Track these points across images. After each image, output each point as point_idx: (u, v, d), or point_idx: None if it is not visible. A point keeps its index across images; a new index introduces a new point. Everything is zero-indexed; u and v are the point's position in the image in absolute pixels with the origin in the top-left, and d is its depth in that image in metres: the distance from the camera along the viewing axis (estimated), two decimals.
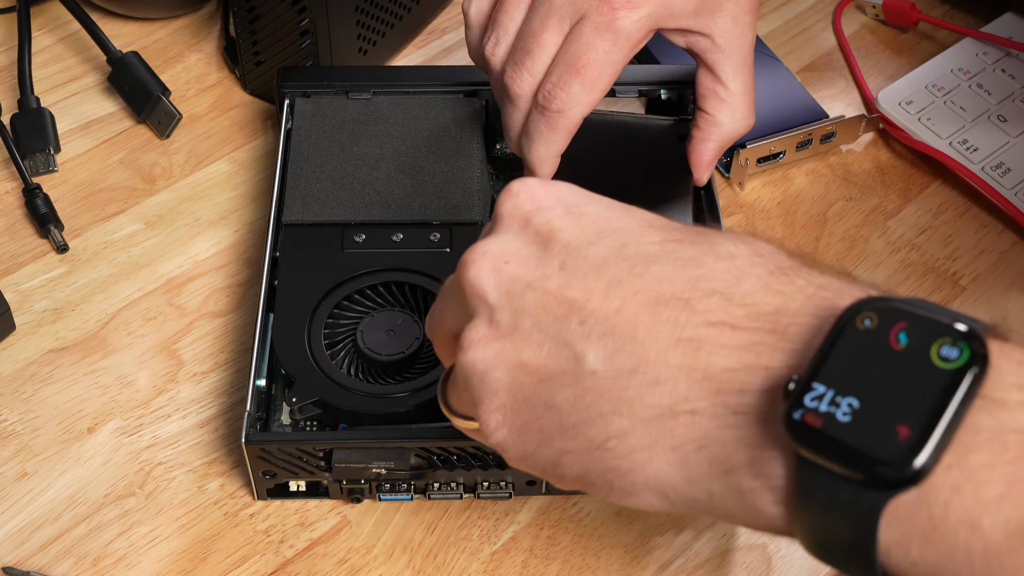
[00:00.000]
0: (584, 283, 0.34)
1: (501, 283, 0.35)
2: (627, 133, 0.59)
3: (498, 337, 0.35)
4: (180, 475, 0.52)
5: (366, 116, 0.59)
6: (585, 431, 0.34)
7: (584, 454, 0.34)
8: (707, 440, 0.32)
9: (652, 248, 0.34)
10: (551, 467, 0.35)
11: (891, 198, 0.63)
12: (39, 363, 0.55)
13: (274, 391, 0.51)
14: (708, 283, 0.33)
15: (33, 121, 0.64)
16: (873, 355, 0.30)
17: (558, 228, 0.35)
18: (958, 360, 0.29)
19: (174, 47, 0.70)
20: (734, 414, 0.31)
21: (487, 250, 0.36)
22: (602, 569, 0.49)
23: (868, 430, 0.29)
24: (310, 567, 0.49)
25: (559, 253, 0.35)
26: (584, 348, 0.33)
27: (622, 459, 0.33)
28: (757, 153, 0.62)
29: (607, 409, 0.33)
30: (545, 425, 0.35)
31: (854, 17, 0.73)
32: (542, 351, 0.34)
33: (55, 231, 0.60)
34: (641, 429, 0.33)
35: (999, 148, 0.63)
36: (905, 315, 0.30)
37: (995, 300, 0.59)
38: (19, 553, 0.49)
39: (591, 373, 0.33)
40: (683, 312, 0.33)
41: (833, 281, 0.33)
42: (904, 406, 0.29)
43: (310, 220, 0.55)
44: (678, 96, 0.61)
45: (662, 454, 0.33)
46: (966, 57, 0.67)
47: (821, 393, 0.30)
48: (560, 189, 0.37)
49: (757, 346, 0.32)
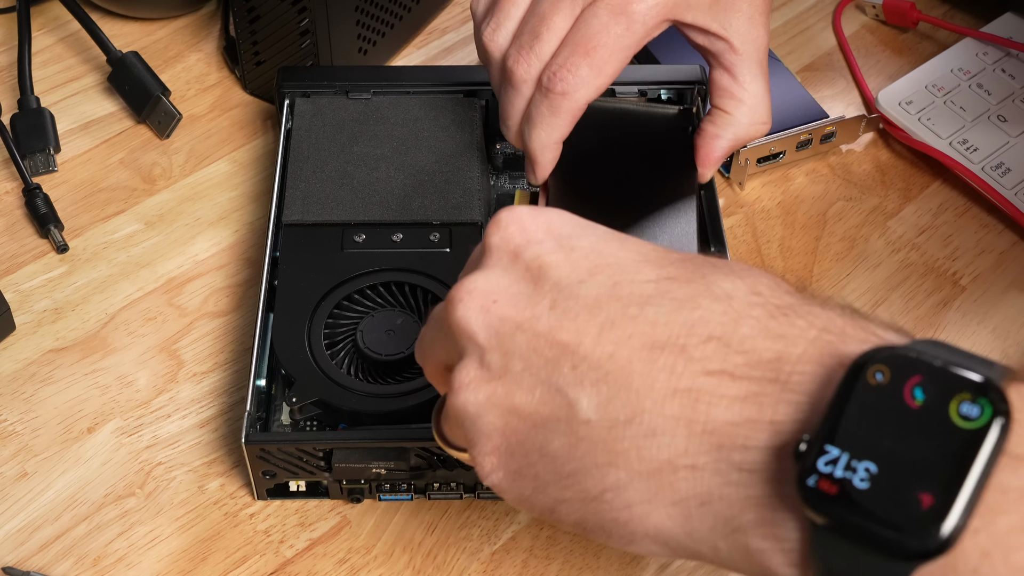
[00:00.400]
0: (576, 325, 0.33)
1: (490, 323, 0.34)
2: (630, 122, 0.57)
3: (489, 379, 0.34)
4: (180, 475, 0.52)
5: (366, 116, 0.59)
6: (580, 481, 0.32)
7: (580, 504, 0.33)
8: (711, 496, 0.31)
9: (646, 288, 0.33)
10: (547, 513, 0.34)
11: (891, 198, 0.63)
12: (39, 363, 0.55)
13: (274, 391, 0.51)
14: (705, 328, 0.32)
15: (33, 121, 0.64)
16: (888, 414, 0.28)
17: (549, 264, 0.34)
18: (979, 419, 0.27)
19: (174, 47, 0.70)
20: (739, 471, 0.30)
21: (475, 287, 0.34)
22: (602, 569, 0.49)
23: (889, 498, 0.27)
24: (310, 567, 0.49)
25: (550, 291, 0.34)
26: (577, 395, 0.32)
27: (620, 512, 0.32)
28: (757, 153, 0.62)
29: (602, 460, 0.32)
30: (540, 472, 0.33)
31: (854, 17, 0.73)
32: (534, 396, 0.33)
33: (55, 231, 0.60)
34: (639, 482, 0.31)
35: (999, 148, 0.63)
36: (919, 367, 0.28)
37: (995, 300, 0.59)
38: (19, 553, 0.49)
39: (585, 422, 0.32)
40: (679, 359, 0.31)
41: (836, 321, 0.31)
42: (926, 470, 0.27)
43: (310, 220, 0.55)
44: (678, 96, 0.61)
45: (662, 508, 0.31)
46: (966, 57, 0.67)
47: (835, 457, 0.28)
48: (551, 219, 0.36)
49: (759, 397, 0.30)
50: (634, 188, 0.54)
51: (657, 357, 0.31)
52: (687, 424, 0.31)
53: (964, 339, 0.57)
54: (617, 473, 0.32)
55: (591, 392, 0.32)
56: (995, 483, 0.27)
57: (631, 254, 0.34)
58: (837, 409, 0.28)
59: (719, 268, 0.33)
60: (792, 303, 0.32)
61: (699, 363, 0.31)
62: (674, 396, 0.31)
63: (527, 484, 0.34)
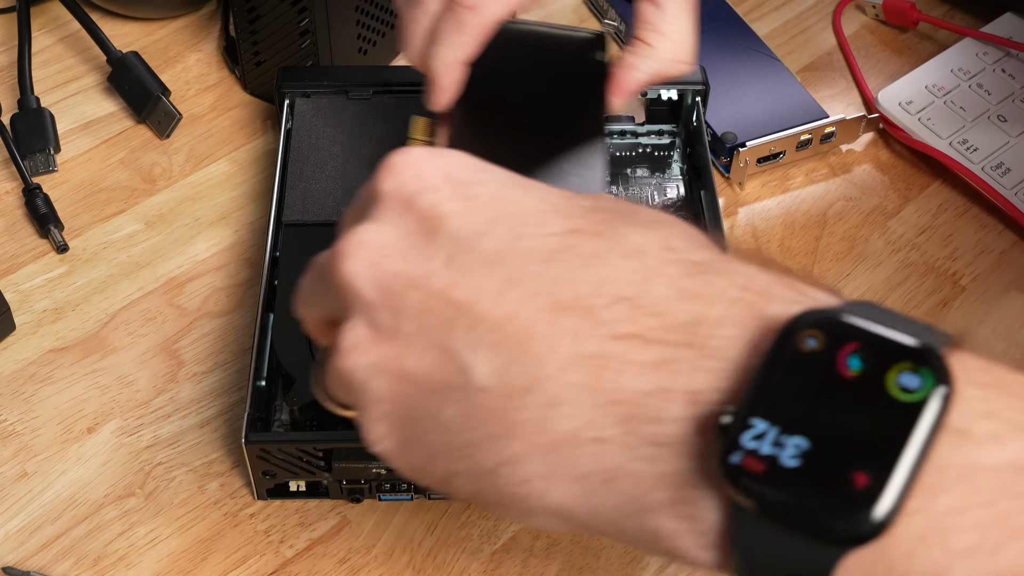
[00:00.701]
0: (473, 282, 0.30)
1: (381, 280, 0.31)
2: (543, 46, 0.52)
3: (379, 341, 0.31)
4: (180, 475, 0.52)
5: (366, 116, 0.59)
6: (474, 453, 0.30)
7: (474, 477, 0.30)
8: (617, 472, 0.28)
9: (551, 241, 0.30)
10: (441, 484, 0.31)
11: (891, 198, 0.63)
12: (39, 363, 0.55)
13: (274, 391, 0.51)
14: (614, 287, 0.29)
15: (33, 121, 0.64)
16: (821, 384, 0.26)
17: (446, 213, 0.31)
18: (919, 391, 0.25)
19: (174, 47, 0.70)
20: (650, 445, 0.27)
21: (364, 240, 0.31)
22: (602, 569, 0.49)
23: (820, 477, 0.25)
24: (310, 567, 0.49)
25: (446, 244, 0.30)
26: (472, 360, 0.29)
27: (517, 487, 0.29)
28: (757, 153, 0.62)
29: (498, 431, 0.29)
30: (432, 441, 0.30)
31: (854, 17, 0.73)
32: (426, 359, 0.30)
33: (55, 231, 0.60)
34: (538, 456, 0.28)
35: (999, 148, 0.63)
36: (855, 333, 0.26)
37: (995, 300, 0.59)
38: (19, 553, 0.49)
39: (480, 389, 0.29)
40: (585, 322, 0.28)
41: (758, 278, 0.29)
42: (860, 447, 0.25)
43: (310, 220, 0.55)
44: (679, 96, 0.61)
45: (563, 484, 0.28)
46: (966, 57, 0.67)
47: (763, 431, 0.25)
48: (450, 162, 0.32)
49: (673, 364, 0.27)
50: (542, 118, 0.51)
51: (561, 319, 0.29)
52: (592, 393, 0.28)
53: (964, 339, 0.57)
54: (514, 446, 0.29)
55: (488, 356, 0.29)
56: (934, 460, 0.25)
57: (536, 203, 0.31)
58: (764, 378, 0.26)
59: (630, 219, 0.31)
60: (709, 259, 0.29)
61: (607, 326, 0.28)
62: (579, 362, 0.28)
63: (418, 454, 0.31)
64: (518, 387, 0.29)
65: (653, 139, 0.63)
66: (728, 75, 0.65)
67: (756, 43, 0.68)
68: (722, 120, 0.63)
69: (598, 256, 0.29)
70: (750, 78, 0.66)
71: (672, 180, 0.61)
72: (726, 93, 0.64)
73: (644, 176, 0.61)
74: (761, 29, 0.71)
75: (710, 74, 0.60)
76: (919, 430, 0.25)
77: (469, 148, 0.35)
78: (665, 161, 0.62)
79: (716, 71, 0.63)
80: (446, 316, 0.30)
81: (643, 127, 0.63)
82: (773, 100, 0.64)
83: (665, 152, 0.62)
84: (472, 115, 0.50)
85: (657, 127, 0.63)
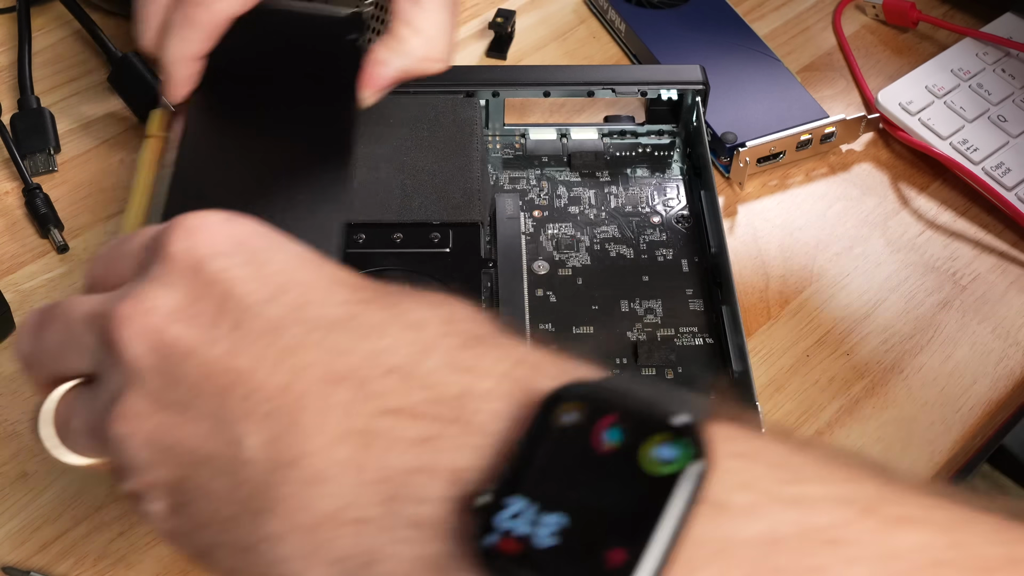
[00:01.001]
0: (254, 350, 0.29)
1: (159, 346, 0.30)
2: (293, 30, 0.50)
3: (153, 411, 0.30)
4: None
5: (366, 116, 0.59)
6: (236, 528, 0.28)
7: (234, 552, 0.29)
8: (377, 556, 0.26)
9: (336, 310, 0.29)
10: (201, 556, 0.30)
11: (891, 198, 0.63)
12: None
13: None
14: (389, 358, 0.28)
15: (33, 121, 0.64)
16: (578, 459, 0.25)
17: (235, 279, 0.30)
18: (674, 463, 0.24)
19: None
20: (410, 527, 0.26)
21: (150, 307, 0.30)
22: None
23: (575, 556, 0.24)
24: None
25: (232, 311, 0.30)
26: (243, 430, 0.28)
27: (273, 566, 0.28)
28: (757, 153, 0.62)
29: (260, 507, 0.28)
30: (199, 510, 0.29)
31: (854, 17, 0.73)
32: (200, 429, 0.29)
33: (55, 231, 0.60)
34: (296, 536, 0.27)
35: (999, 148, 0.63)
36: (613, 405, 0.25)
37: (995, 300, 0.59)
38: (19, 553, 0.49)
39: (247, 462, 0.28)
40: (358, 394, 0.27)
41: (532, 354, 0.28)
42: (617, 523, 0.24)
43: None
44: (679, 96, 0.61)
45: (319, 567, 0.27)
46: (966, 57, 0.67)
47: (520, 510, 0.24)
48: (245, 231, 0.32)
49: (437, 441, 0.26)
50: (287, 113, 0.49)
51: (333, 392, 0.28)
52: (357, 471, 0.27)
53: (964, 339, 0.57)
54: (273, 523, 0.27)
55: (258, 428, 0.28)
56: (692, 535, 0.24)
57: (327, 276, 0.31)
58: (525, 454, 0.25)
59: (419, 296, 0.30)
60: (489, 333, 0.29)
61: (378, 400, 0.27)
62: (347, 437, 0.27)
63: (185, 522, 0.30)
64: (283, 461, 0.28)
65: (653, 139, 0.63)
66: (728, 75, 0.65)
67: (756, 43, 0.68)
68: (722, 120, 0.63)
69: (380, 327, 0.29)
70: (750, 78, 0.66)
71: (672, 180, 0.61)
72: (726, 93, 0.64)
73: (644, 176, 0.61)
74: (761, 29, 0.71)
75: (710, 74, 0.60)
76: (674, 504, 0.24)
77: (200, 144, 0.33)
78: (665, 161, 0.62)
79: (716, 71, 0.63)
80: (223, 384, 0.29)
81: (643, 127, 0.63)
82: (773, 100, 0.64)
83: (665, 152, 0.62)
84: (210, 109, 0.47)
85: (657, 127, 0.63)
